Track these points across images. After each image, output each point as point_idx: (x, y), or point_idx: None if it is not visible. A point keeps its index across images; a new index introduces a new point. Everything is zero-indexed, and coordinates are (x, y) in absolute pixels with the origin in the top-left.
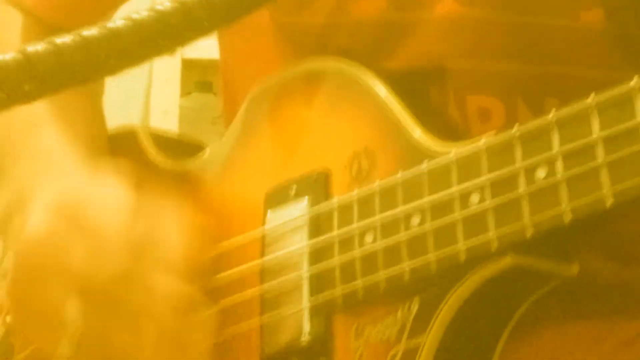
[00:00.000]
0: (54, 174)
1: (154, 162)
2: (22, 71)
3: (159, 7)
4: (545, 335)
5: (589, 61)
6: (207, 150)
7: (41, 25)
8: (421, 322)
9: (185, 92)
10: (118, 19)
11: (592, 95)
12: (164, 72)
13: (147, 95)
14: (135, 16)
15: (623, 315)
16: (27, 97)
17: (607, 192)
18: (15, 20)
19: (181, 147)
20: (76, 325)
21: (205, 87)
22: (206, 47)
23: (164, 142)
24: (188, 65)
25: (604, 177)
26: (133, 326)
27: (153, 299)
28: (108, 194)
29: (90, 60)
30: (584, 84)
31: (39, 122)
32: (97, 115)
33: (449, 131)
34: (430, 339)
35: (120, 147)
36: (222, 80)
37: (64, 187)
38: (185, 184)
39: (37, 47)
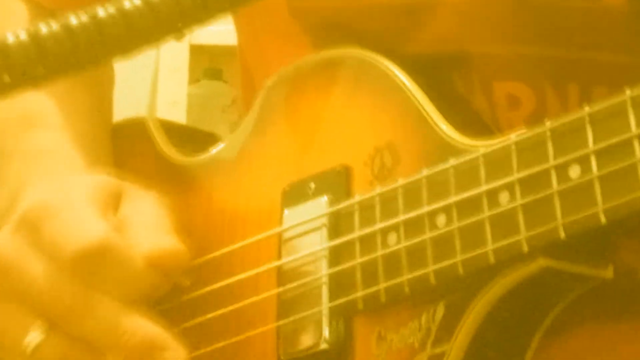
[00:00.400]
0: (42, 176)
1: (165, 155)
2: (31, 53)
3: None
4: (578, 336)
5: (611, 45)
6: (221, 143)
7: (46, 12)
8: (447, 328)
9: (193, 79)
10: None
11: (628, 89)
12: (171, 59)
13: (154, 83)
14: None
15: None
16: (37, 81)
17: None
18: (19, 9)
19: (192, 138)
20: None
21: (215, 74)
22: (215, 33)
23: (174, 133)
24: (197, 52)
25: None
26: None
27: (127, 280)
28: (81, 193)
29: (103, 42)
30: (606, 70)
31: (35, 120)
32: (100, 107)
33: (476, 121)
34: (456, 346)
35: (127, 139)
36: (240, 67)
37: (36, 194)
38: (196, 179)
39: (49, 27)
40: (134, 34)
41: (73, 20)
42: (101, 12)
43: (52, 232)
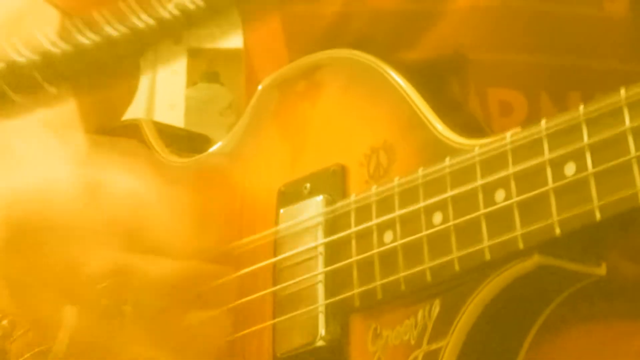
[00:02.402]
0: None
1: (160, 157)
2: (42, 72)
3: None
4: (572, 334)
5: (614, 53)
6: (216, 144)
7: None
8: (443, 325)
9: (191, 82)
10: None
11: (623, 89)
12: (169, 61)
13: (152, 86)
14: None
15: None
16: (51, 99)
17: (638, 189)
18: (52, 19)
19: (188, 141)
20: (72, 327)
21: (213, 77)
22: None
23: (170, 135)
24: (194, 55)
25: (637, 173)
26: (130, 330)
27: (150, 292)
28: (61, 187)
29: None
30: (609, 77)
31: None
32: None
33: (470, 125)
34: (452, 343)
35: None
36: (245, 70)
37: (9, 193)
38: (192, 180)
39: (59, 47)
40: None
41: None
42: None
43: (50, 250)
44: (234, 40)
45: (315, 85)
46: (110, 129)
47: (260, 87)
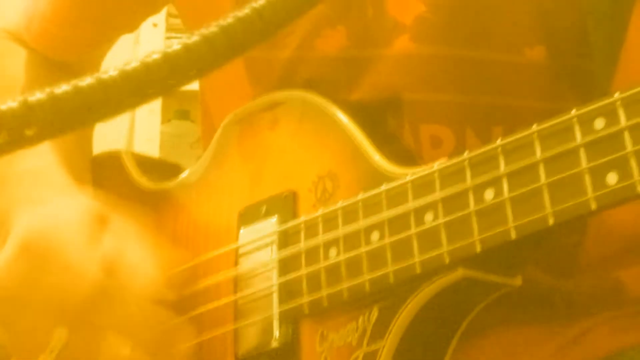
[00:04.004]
0: (33, 195)
1: (137, 183)
2: (23, 117)
3: (147, 59)
4: (491, 339)
5: (533, 93)
6: (186, 173)
7: (43, 59)
8: (380, 328)
9: (165, 119)
10: (110, 70)
11: (535, 124)
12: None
13: (132, 122)
14: (126, 67)
15: (561, 321)
16: (29, 141)
17: (548, 212)
18: (19, 54)
19: (161, 169)
20: (61, 344)
21: (184, 114)
22: None
23: (146, 164)
24: (168, 96)
25: (546, 198)
26: (114, 340)
27: (129, 312)
28: (73, 219)
29: (84, 108)
30: (528, 114)
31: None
32: (82, 141)
33: (404, 156)
34: (388, 344)
35: (106, 169)
36: (201, 109)
37: (31, 220)
38: (165, 203)
39: (37, 95)
40: (114, 101)
41: (61, 89)
42: (85, 82)
43: (59, 245)
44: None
45: (271, 121)
46: (94, 157)
47: (223, 123)
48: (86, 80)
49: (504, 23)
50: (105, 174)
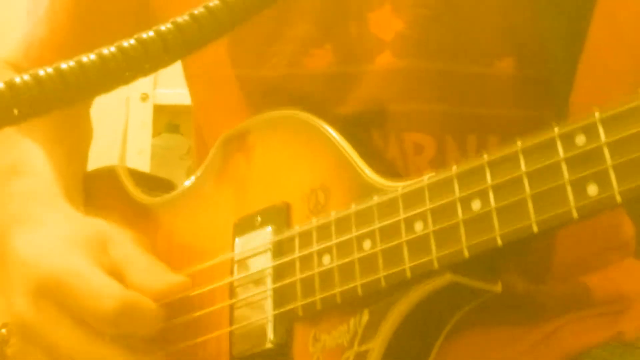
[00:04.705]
0: (29, 216)
1: (133, 196)
2: (9, 98)
3: (124, 44)
4: (472, 338)
5: (503, 102)
6: (181, 186)
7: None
8: (371, 330)
9: (156, 132)
10: (90, 54)
11: (519, 140)
12: (138, 115)
13: (124, 135)
14: (104, 51)
15: (532, 322)
16: (16, 120)
17: (533, 221)
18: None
19: (155, 184)
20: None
21: (174, 128)
22: (174, 95)
23: (140, 179)
24: (159, 110)
25: (530, 208)
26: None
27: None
28: (82, 240)
29: (66, 89)
30: (499, 122)
31: (21, 168)
32: (74, 159)
33: (390, 170)
34: (378, 345)
35: (102, 184)
36: (193, 124)
37: (40, 268)
38: (161, 216)
39: (22, 77)
40: (92, 82)
41: (44, 71)
42: (63, 65)
43: (74, 303)
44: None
45: (265, 138)
46: (89, 173)
47: (219, 140)
48: (68, 63)
49: (475, 37)
50: (102, 189)
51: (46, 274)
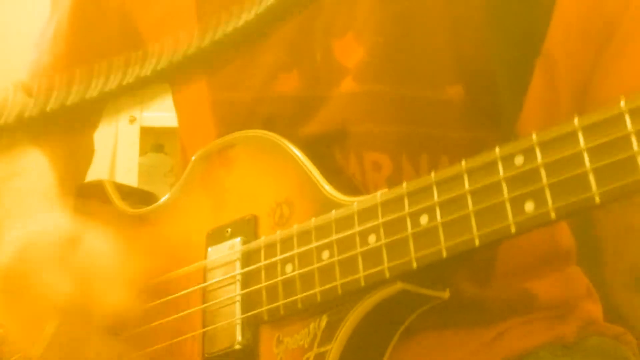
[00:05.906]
0: (23, 215)
1: (118, 207)
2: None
3: None
4: (423, 340)
5: (453, 125)
6: (161, 200)
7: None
8: (329, 333)
9: (143, 152)
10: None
11: (464, 160)
12: (126, 137)
13: (113, 155)
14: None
15: (481, 324)
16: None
17: (475, 234)
18: None
19: (139, 196)
20: (50, 332)
21: (159, 148)
22: (159, 118)
23: (125, 192)
24: (145, 132)
25: (473, 223)
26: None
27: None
28: (50, 238)
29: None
30: (450, 143)
31: (19, 171)
32: (71, 173)
33: (350, 186)
34: (335, 346)
35: (91, 195)
36: (180, 144)
37: (26, 231)
38: (142, 225)
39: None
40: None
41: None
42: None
43: (50, 252)
44: (174, 121)
45: (234, 156)
46: (80, 186)
47: (193, 158)
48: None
49: (428, 65)
50: (90, 200)
51: (27, 234)
